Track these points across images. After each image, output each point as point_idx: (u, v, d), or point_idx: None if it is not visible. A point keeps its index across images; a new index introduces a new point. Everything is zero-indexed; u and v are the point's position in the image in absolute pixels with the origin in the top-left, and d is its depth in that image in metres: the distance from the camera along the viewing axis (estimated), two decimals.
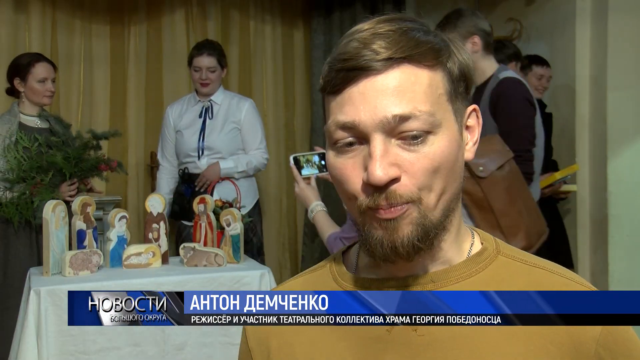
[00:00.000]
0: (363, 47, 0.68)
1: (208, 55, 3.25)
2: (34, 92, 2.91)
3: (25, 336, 2.14)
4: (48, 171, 2.75)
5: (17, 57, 3.03)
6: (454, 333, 0.70)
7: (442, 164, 0.69)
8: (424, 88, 0.68)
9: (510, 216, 1.92)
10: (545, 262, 0.76)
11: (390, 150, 0.68)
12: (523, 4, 3.85)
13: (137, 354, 2.28)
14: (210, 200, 2.70)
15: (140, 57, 4.19)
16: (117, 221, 2.54)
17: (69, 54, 4.02)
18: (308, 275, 0.85)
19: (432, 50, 0.69)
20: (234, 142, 3.32)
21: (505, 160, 1.96)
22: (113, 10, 4.12)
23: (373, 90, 0.67)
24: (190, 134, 3.33)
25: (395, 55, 0.67)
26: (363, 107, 0.68)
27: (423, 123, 0.67)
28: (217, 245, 2.65)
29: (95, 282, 2.27)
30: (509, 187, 1.94)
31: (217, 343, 2.39)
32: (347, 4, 4.42)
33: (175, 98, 4.23)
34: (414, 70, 0.68)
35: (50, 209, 2.35)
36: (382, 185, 0.67)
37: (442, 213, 0.71)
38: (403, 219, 0.68)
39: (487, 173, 1.91)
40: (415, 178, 0.68)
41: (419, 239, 0.69)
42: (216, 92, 3.35)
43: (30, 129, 2.93)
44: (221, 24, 4.31)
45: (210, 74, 3.27)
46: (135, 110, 4.19)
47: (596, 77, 3.29)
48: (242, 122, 3.32)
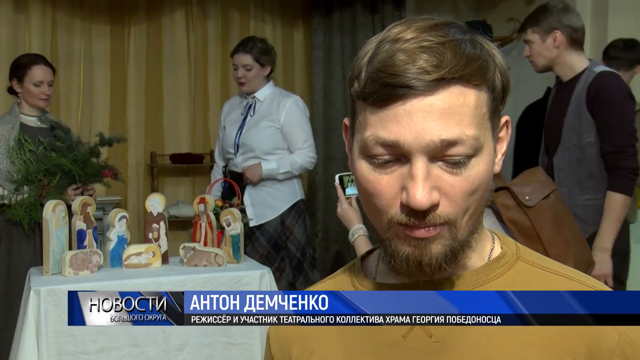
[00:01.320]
0: (411, 62, 0.64)
1: (244, 52, 3.15)
2: (30, 94, 2.91)
3: (25, 336, 2.14)
4: (55, 174, 2.74)
5: (18, 57, 3.03)
6: (469, 340, 0.70)
7: (479, 186, 0.68)
8: (471, 110, 0.66)
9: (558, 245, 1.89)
10: (566, 268, 0.75)
11: (432, 172, 0.66)
12: (523, 4, 3.84)
13: (137, 354, 2.28)
14: (210, 200, 2.70)
15: (140, 57, 4.19)
16: (117, 221, 2.54)
17: (69, 54, 4.03)
18: (328, 282, 0.85)
19: (481, 68, 0.67)
20: (269, 141, 3.18)
21: (550, 191, 1.94)
22: (113, 10, 4.13)
23: (421, 111, 0.64)
24: (231, 130, 3.28)
25: (447, 76, 0.64)
26: (409, 128, 0.64)
27: (468, 148, 0.66)
28: (217, 245, 2.66)
29: (95, 282, 2.27)
30: (555, 216, 1.92)
31: (217, 343, 2.39)
32: (347, 4, 4.42)
33: (175, 98, 4.24)
34: (463, 90, 0.66)
35: (50, 209, 2.35)
36: (424, 210, 0.65)
37: (469, 231, 0.70)
38: (435, 240, 0.67)
39: (534, 202, 1.89)
40: (454, 201, 0.67)
41: (446, 260, 0.68)
42: (261, 89, 3.21)
43: (31, 129, 2.93)
44: (221, 24, 4.32)
45: (246, 72, 3.15)
46: (135, 110, 4.19)
47: None
48: (282, 122, 3.16)
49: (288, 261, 3.22)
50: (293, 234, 3.23)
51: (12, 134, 2.86)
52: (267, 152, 3.17)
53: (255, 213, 3.22)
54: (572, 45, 2.42)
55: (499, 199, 1.92)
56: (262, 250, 3.16)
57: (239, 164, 3.20)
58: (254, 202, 3.22)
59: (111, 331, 2.25)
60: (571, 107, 2.40)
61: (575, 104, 2.39)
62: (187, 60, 4.26)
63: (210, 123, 4.34)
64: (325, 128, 4.45)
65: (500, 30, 3.85)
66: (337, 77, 4.43)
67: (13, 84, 2.93)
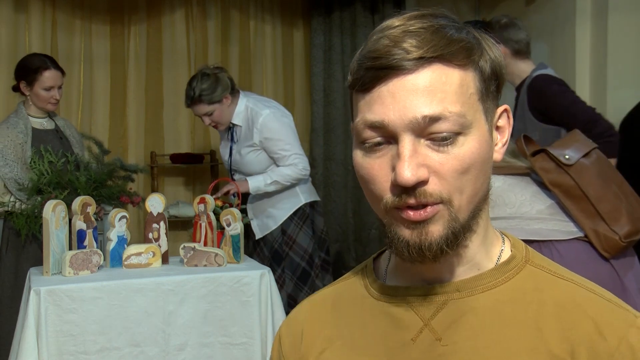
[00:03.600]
0: (393, 45, 0.66)
1: (195, 104, 3.06)
2: (39, 98, 2.88)
3: (25, 336, 2.13)
4: (65, 188, 2.71)
5: (27, 58, 2.96)
6: (477, 344, 0.70)
7: (472, 165, 0.68)
8: (454, 88, 0.67)
9: (608, 200, 1.83)
10: (575, 275, 0.75)
11: (419, 150, 0.67)
12: (523, 4, 3.85)
13: (137, 354, 2.28)
14: (210, 200, 2.70)
15: (140, 57, 4.19)
16: (117, 221, 2.54)
17: (69, 54, 4.03)
18: (340, 284, 0.85)
19: (464, 49, 0.68)
20: (256, 164, 3.13)
21: (590, 149, 1.90)
22: (113, 10, 4.12)
23: (403, 90, 0.66)
24: (224, 154, 3.28)
25: (426, 54, 0.66)
26: (393, 107, 0.66)
27: (453, 124, 0.66)
28: (217, 245, 2.66)
29: (96, 282, 2.27)
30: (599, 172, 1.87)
31: (217, 343, 2.39)
32: (347, 4, 4.42)
33: (175, 98, 4.24)
34: (445, 69, 0.67)
35: (50, 208, 2.35)
36: (410, 186, 0.66)
37: (470, 215, 0.70)
38: (433, 221, 0.68)
39: (574, 160, 1.86)
40: (445, 179, 0.67)
41: (447, 243, 0.68)
42: (234, 115, 3.12)
43: (39, 132, 2.91)
44: (221, 24, 4.31)
45: (210, 117, 3.09)
46: (135, 110, 4.19)
47: (596, 77, 3.29)
48: (259, 142, 3.08)
49: (289, 273, 3.13)
50: (297, 242, 3.15)
51: (26, 141, 2.83)
52: (260, 172, 3.13)
53: (258, 225, 3.19)
54: (516, 56, 2.60)
55: (537, 163, 1.88)
56: (265, 262, 3.11)
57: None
58: (256, 213, 3.20)
59: (111, 331, 2.25)
60: (518, 111, 2.56)
61: (520, 107, 2.54)
62: (187, 60, 4.26)
63: None
64: (325, 128, 4.45)
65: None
66: (337, 77, 4.43)
67: (21, 86, 2.89)
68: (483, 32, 0.73)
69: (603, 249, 1.82)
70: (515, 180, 1.94)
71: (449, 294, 0.73)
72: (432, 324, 0.72)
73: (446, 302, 0.73)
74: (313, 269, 3.16)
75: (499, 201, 1.88)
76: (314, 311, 0.84)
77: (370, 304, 0.78)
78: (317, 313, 0.84)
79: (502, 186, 1.91)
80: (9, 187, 2.77)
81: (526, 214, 1.88)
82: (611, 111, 3.21)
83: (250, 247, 3.28)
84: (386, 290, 0.77)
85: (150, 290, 2.32)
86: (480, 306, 0.72)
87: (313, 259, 3.16)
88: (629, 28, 3.17)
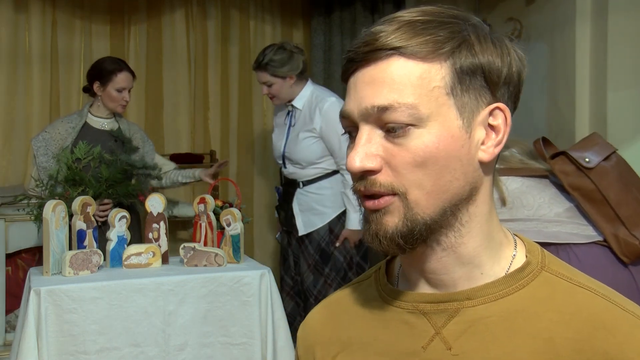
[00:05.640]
0: (365, 38, 0.69)
1: (259, 70, 3.03)
2: (111, 99, 2.95)
3: (25, 336, 2.13)
4: (79, 186, 2.71)
5: (102, 60, 3.05)
6: (487, 354, 0.69)
7: (427, 160, 0.67)
8: (412, 80, 0.67)
9: (628, 205, 1.81)
10: (593, 282, 0.72)
11: (373, 140, 0.68)
12: (523, 4, 3.84)
13: (137, 354, 2.28)
14: (210, 200, 2.70)
15: (140, 57, 4.19)
16: (117, 221, 2.54)
17: (69, 54, 4.02)
18: (354, 286, 0.85)
19: (431, 42, 0.68)
20: (311, 153, 3.03)
21: (610, 152, 1.88)
22: (113, 10, 4.12)
23: (362, 82, 0.69)
24: (278, 139, 3.19)
25: (384, 47, 0.67)
26: (354, 97, 0.70)
27: (402, 115, 0.67)
28: (217, 245, 2.65)
29: (96, 282, 2.27)
30: (620, 176, 1.85)
31: (217, 343, 2.39)
32: (347, 4, 4.42)
33: (176, 98, 4.24)
34: (404, 62, 0.67)
35: (50, 208, 2.35)
36: (357, 173, 0.68)
37: (438, 212, 0.68)
38: (388, 212, 0.68)
39: (594, 164, 1.83)
40: (397, 171, 0.67)
41: (401, 234, 0.68)
42: (298, 96, 3.06)
43: (93, 130, 2.95)
44: (221, 24, 4.31)
45: (269, 88, 3.03)
46: (135, 110, 4.19)
47: (596, 77, 3.29)
48: (319, 130, 2.99)
49: (335, 273, 3.06)
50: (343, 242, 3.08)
51: (70, 135, 2.88)
52: (312, 162, 3.05)
53: (303, 221, 3.11)
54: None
55: (556, 165, 1.86)
56: (311, 260, 3.06)
57: (290, 173, 3.14)
58: (302, 209, 3.12)
59: (111, 331, 2.25)
60: None
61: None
62: (187, 60, 4.26)
63: (210, 123, 4.34)
64: None
65: (500, 30, 3.85)
66: (337, 77, 4.42)
67: (95, 87, 2.96)
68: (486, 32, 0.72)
69: (622, 253, 1.80)
70: (534, 182, 1.91)
71: (461, 302, 0.72)
72: (443, 333, 0.71)
73: (458, 310, 0.72)
74: (351, 271, 3.10)
75: (517, 203, 1.85)
76: (328, 314, 0.84)
77: (383, 308, 0.77)
78: (330, 316, 0.83)
79: (520, 188, 1.88)
80: (41, 175, 2.81)
81: (544, 217, 1.86)
82: (611, 111, 3.21)
83: (285, 243, 3.23)
84: (398, 296, 0.76)
85: (150, 290, 2.32)
86: (492, 315, 0.70)
87: (352, 261, 3.11)
88: (629, 28, 3.17)
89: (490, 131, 0.71)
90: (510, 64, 0.72)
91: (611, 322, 0.67)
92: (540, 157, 1.93)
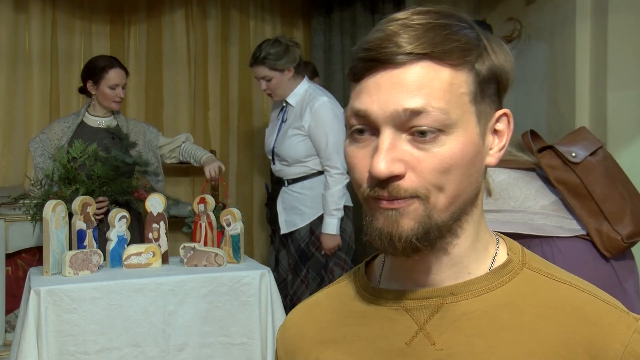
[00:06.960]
0: (386, 38, 0.67)
1: (257, 64, 3.01)
2: (105, 96, 2.97)
3: (25, 336, 2.13)
4: (72, 184, 2.71)
5: (93, 60, 3.08)
6: (472, 348, 0.69)
7: (452, 166, 0.67)
8: (443, 86, 0.66)
9: (613, 200, 1.82)
10: (574, 277, 0.74)
11: (398, 144, 0.67)
12: (523, 4, 3.84)
13: (137, 354, 2.28)
14: (210, 200, 2.70)
15: (140, 57, 4.19)
16: (117, 221, 2.54)
17: (69, 54, 4.02)
18: (333, 287, 0.85)
19: (459, 49, 0.67)
20: (297, 150, 3.01)
21: (597, 147, 1.89)
22: (113, 10, 4.12)
23: (389, 83, 0.67)
24: (269, 135, 3.18)
25: (416, 50, 0.66)
26: (377, 98, 0.67)
27: (434, 120, 0.66)
28: (217, 245, 2.65)
29: (96, 282, 2.27)
30: (606, 171, 1.86)
31: (217, 343, 2.39)
32: (347, 4, 4.42)
33: (176, 98, 4.24)
34: (435, 67, 0.67)
35: (50, 208, 2.35)
36: (384, 179, 0.66)
37: (450, 216, 0.69)
38: (406, 213, 0.67)
39: (581, 158, 1.84)
40: (422, 177, 0.66)
41: (417, 237, 0.67)
42: (293, 92, 3.04)
43: (90, 129, 2.97)
44: (221, 24, 4.31)
45: (267, 82, 3.01)
46: (135, 110, 4.19)
47: (596, 77, 3.29)
48: (307, 129, 2.97)
49: (313, 274, 3.02)
50: (319, 245, 3.04)
51: (66, 134, 2.91)
52: (298, 160, 3.03)
53: (285, 220, 3.09)
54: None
55: (543, 159, 1.87)
56: (291, 260, 3.06)
57: (277, 171, 3.14)
58: (285, 208, 3.11)
59: (111, 331, 2.25)
60: None
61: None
62: (187, 60, 4.26)
63: (210, 123, 4.34)
64: None
65: (500, 30, 3.85)
66: (337, 77, 4.43)
67: (88, 86, 2.99)
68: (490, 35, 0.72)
69: (605, 248, 1.82)
70: (521, 175, 1.93)
71: (444, 298, 0.72)
72: (426, 328, 0.71)
73: (441, 305, 0.72)
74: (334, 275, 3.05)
75: (504, 194, 1.87)
76: (308, 315, 0.84)
77: (364, 307, 0.77)
78: (311, 317, 0.83)
79: (507, 179, 1.90)
80: (39, 176, 2.82)
81: (530, 209, 1.87)
82: (611, 111, 3.21)
83: (274, 240, 3.23)
84: (380, 294, 0.77)
85: (150, 290, 2.32)
86: (475, 310, 0.71)
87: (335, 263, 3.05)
88: (629, 28, 3.17)
89: (495, 136, 0.73)
90: (512, 67, 0.73)
91: (595, 314, 0.68)
92: (528, 150, 1.94)
